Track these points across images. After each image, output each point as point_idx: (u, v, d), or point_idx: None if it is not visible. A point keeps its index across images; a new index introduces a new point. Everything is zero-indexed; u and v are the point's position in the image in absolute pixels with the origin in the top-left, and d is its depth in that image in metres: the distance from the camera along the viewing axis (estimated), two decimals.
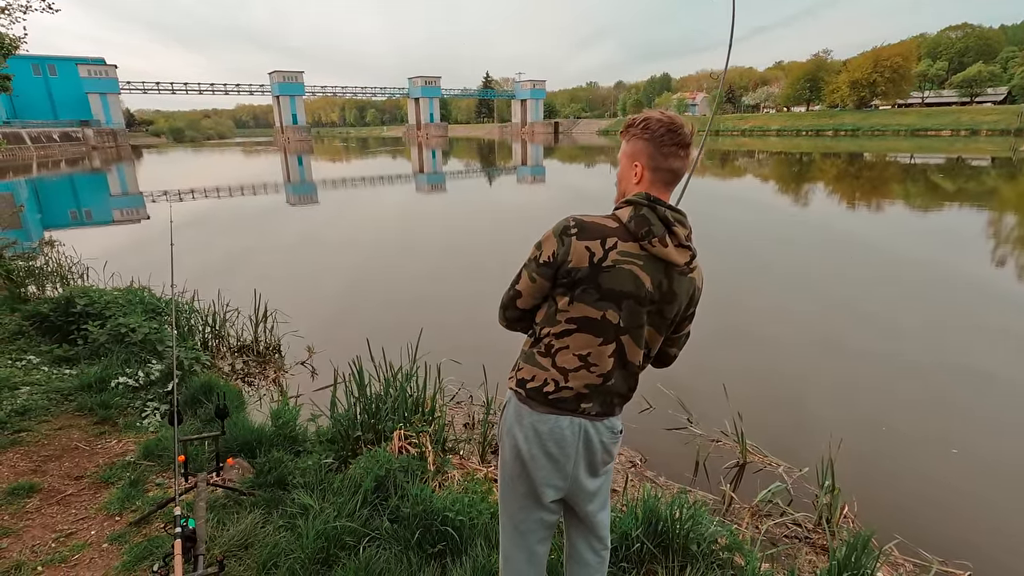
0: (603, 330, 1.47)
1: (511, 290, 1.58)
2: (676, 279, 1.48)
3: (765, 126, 76.62)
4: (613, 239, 1.42)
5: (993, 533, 3.20)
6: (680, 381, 4.86)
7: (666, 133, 1.44)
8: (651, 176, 1.48)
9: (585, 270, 1.42)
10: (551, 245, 1.46)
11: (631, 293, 1.44)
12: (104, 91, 71.86)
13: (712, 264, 8.79)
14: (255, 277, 7.80)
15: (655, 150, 1.45)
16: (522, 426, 1.57)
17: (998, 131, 53.79)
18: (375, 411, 3.40)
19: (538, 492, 1.62)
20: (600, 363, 1.49)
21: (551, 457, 1.55)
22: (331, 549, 2.39)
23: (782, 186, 21.96)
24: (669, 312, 1.51)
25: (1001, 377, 5.08)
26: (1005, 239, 11.36)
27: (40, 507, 2.77)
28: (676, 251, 1.45)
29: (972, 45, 77.47)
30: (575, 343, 1.48)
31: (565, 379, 1.50)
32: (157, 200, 20.03)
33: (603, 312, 1.45)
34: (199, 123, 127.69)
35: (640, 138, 1.47)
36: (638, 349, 1.52)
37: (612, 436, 1.61)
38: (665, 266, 1.46)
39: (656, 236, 1.42)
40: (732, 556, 2.50)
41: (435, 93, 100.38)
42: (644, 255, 1.43)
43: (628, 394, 1.60)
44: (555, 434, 1.53)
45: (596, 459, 1.60)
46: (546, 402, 1.53)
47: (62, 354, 4.56)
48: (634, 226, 1.42)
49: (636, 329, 1.49)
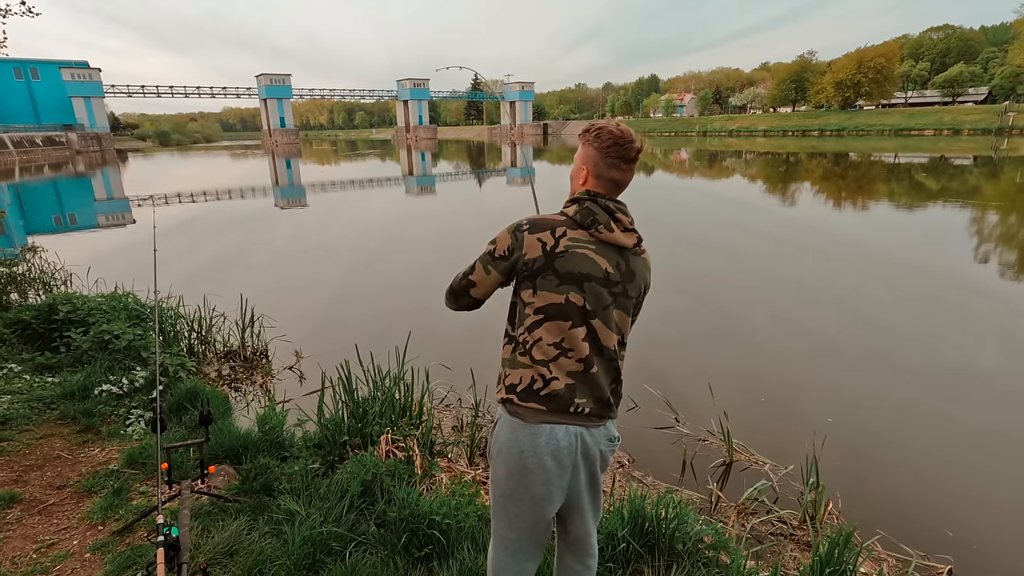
0: (569, 313, 1.51)
1: (464, 279, 1.65)
2: (632, 259, 1.57)
3: (752, 127, 77.31)
4: (562, 228, 1.52)
5: (974, 527, 3.25)
6: (667, 381, 4.90)
7: (612, 146, 1.53)
8: (595, 182, 1.58)
9: (541, 259, 1.51)
10: (505, 241, 1.55)
11: (590, 274, 1.51)
12: (88, 95, 70.92)
13: (702, 265, 8.84)
14: (242, 282, 7.76)
15: (601, 159, 1.55)
16: (515, 442, 1.54)
17: (979, 130, 54.74)
18: (362, 415, 3.40)
19: (534, 509, 1.60)
20: (575, 347, 1.52)
21: (547, 471, 1.54)
22: (317, 555, 2.38)
23: (768, 186, 22.16)
24: (633, 292, 1.59)
25: (984, 374, 5.17)
26: (991, 236, 11.55)
27: (21, 517, 2.74)
28: (623, 235, 1.55)
29: (953, 46, 78.88)
30: (547, 332, 1.53)
31: (548, 371, 1.52)
32: (142, 204, 19.82)
33: (566, 295, 1.51)
34: (185, 126, 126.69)
35: (591, 145, 1.57)
36: (610, 332, 1.56)
37: (610, 444, 1.61)
38: (618, 249, 1.55)
39: (601, 223, 1.52)
40: (718, 554, 2.52)
41: (424, 95, 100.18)
42: (594, 241, 1.53)
43: (617, 389, 1.61)
44: (551, 445, 1.52)
45: (596, 468, 1.61)
46: (539, 400, 1.52)
47: (44, 362, 4.50)
48: (579, 217, 1.53)
49: (604, 311, 1.54)
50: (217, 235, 13.50)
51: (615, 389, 1.61)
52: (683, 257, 9.96)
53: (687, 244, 11.17)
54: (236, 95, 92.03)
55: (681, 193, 20.74)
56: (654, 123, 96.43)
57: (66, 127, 66.77)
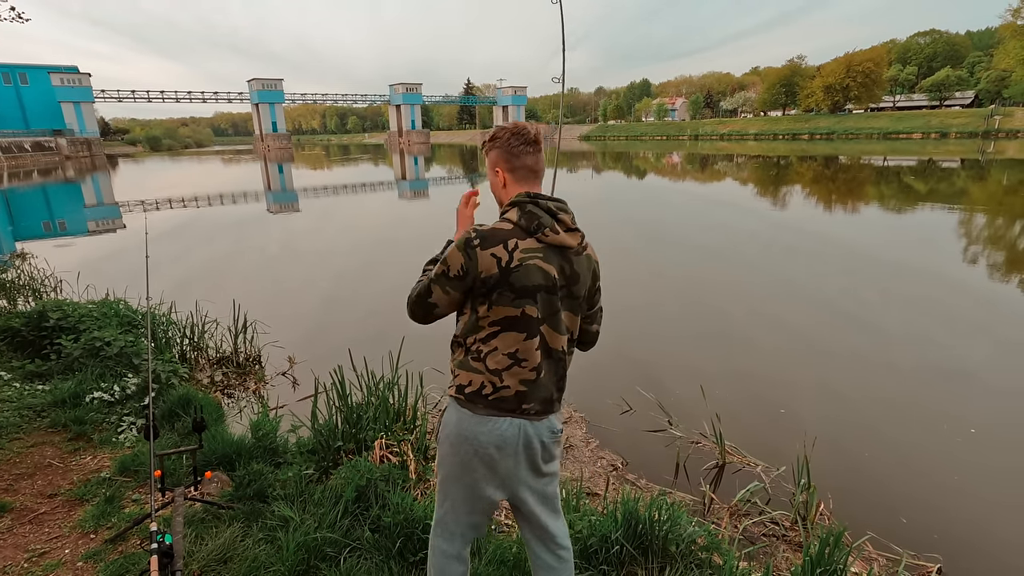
0: (526, 325, 1.55)
1: (424, 302, 1.63)
2: (575, 260, 1.60)
3: (743, 130, 77.88)
4: (513, 240, 1.53)
5: (963, 527, 3.29)
6: (659, 384, 4.93)
7: (511, 136, 1.61)
8: (513, 176, 1.63)
9: (496, 276, 1.52)
10: (457, 259, 1.55)
11: (541, 285, 1.55)
12: (78, 100, 70.37)
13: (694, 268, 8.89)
14: (235, 287, 7.73)
15: (507, 152, 1.62)
16: (462, 430, 1.62)
17: (966, 133, 55.45)
18: (356, 420, 3.40)
19: (477, 495, 1.67)
20: (528, 357, 1.57)
21: (491, 459, 1.61)
22: (312, 561, 2.38)
23: (762, 189, 22.33)
24: (578, 292, 1.63)
25: (974, 374, 5.23)
26: (979, 238, 11.70)
27: (12, 527, 2.71)
28: (567, 235, 1.58)
29: (940, 50, 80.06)
30: (502, 343, 1.56)
31: (500, 379, 1.57)
32: (133, 210, 19.69)
33: (521, 309, 1.54)
34: (176, 131, 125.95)
35: (493, 148, 1.65)
36: (559, 335, 1.61)
37: (551, 435, 1.67)
38: (561, 251, 1.58)
39: (547, 227, 1.55)
40: (711, 556, 2.54)
41: (416, 100, 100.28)
42: (542, 247, 1.55)
43: (561, 385, 1.67)
44: (495, 436, 1.59)
45: (537, 458, 1.66)
46: (486, 404, 1.59)
47: (34, 369, 4.46)
48: (525, 223, 1.55)
49: (553, 317, 1.58)
50: (209, 240, 13.44)
51: (560, 386, 1.67)
52: (675, 258, 10.03)
53: (679, 245, 11.25)
54: (228, 100, 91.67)
55: (675, 195, 20.84)
56: (646, 127, 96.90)
57: (55, 132, 66.18)
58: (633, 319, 6.87)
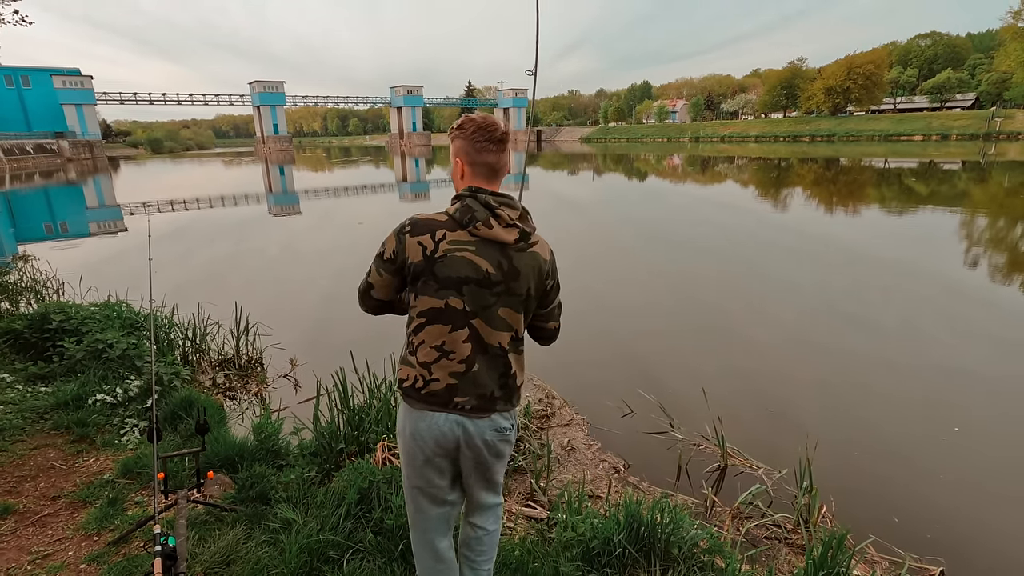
0: (450, 317, 1.56)
1: (364, 282, 1.70)
2: (515, 256, 1.58)
3: (744, 132, 77.93)
4: (442, 231, 1.54)
5: (966, 529, 3.29)
6: (660, 386, 4.93)
7: (477, 131, 1.59)
8: (471, 171, 1.62)
9: (421, 264, 1.54)
10: (391, 244, 1.60)
11: (469, 278, 1.54)
12: (79, 102, 70.56)
13: (694, 268, 8.88)
14: (237, 289, 7.74)
15: (470, 147, 1.60)
16: (407, 425, 1.65)
17: (967, 135, 55.45)
18: (358, 423, 3.40)
19: (427, 486, 1.70)
20: (456, 350, 1.57)
21: (432, 452, 1.63)
22: (314, 563, 2.38)
23: (762, 191, 22.33)
24: (519, 288, 1.60)
25: (978, 376, 5.22)
26: (980, 240, 11.69)
27: (15, 529, 2.72)
28: (503, 231, 1.55)
29: (941, 53, 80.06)
30: (429, 336, 1.58)
31: (429, 372, 1.59)
32: (135, 212, 19.73)
33: (445, 300, 1.55)
34: (178, 134, 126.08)
35: (458, 138, 1.63)
36: (494, 331, 1.59)
37: (496, 434, 1.66)
38: (500, 247, 1.56)
39: (479, 220, 1.53)
40: (713, 559, 2.54)
41: (417, 102, 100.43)
42: (475, 240, 1.54)
43: (505, 383, 1.64)
44: (433, 431, 1.61)
45: (483, 456, 1.67)
46: (420, 398, 1.61)
47: (37, 372, 4.47)
48: (459, 215, 1.55)
49: (485, 311, 1.57)
50: (211, 243, 13.45)
51: (505, 383, 1.64)
52: (675, 258, 10.03)
53: (680, 248, 11.25)
54: (229, 102, 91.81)
55: (676, 196, 20.85)
56: (647, 129, 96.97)
57: (57, 135, 66.44)
58: (633, 319, 6.87)
